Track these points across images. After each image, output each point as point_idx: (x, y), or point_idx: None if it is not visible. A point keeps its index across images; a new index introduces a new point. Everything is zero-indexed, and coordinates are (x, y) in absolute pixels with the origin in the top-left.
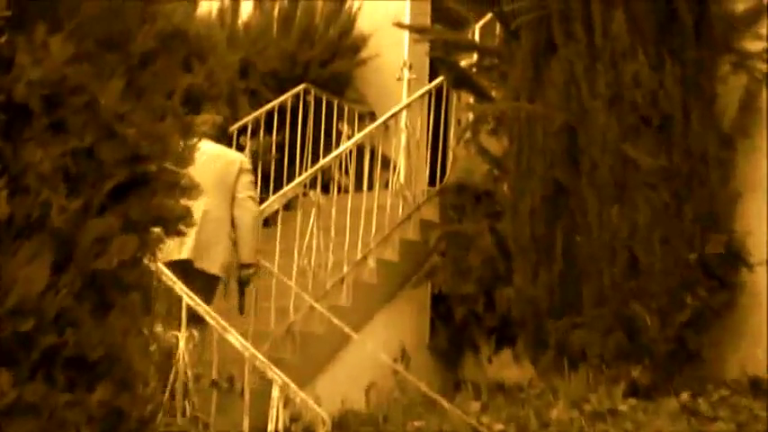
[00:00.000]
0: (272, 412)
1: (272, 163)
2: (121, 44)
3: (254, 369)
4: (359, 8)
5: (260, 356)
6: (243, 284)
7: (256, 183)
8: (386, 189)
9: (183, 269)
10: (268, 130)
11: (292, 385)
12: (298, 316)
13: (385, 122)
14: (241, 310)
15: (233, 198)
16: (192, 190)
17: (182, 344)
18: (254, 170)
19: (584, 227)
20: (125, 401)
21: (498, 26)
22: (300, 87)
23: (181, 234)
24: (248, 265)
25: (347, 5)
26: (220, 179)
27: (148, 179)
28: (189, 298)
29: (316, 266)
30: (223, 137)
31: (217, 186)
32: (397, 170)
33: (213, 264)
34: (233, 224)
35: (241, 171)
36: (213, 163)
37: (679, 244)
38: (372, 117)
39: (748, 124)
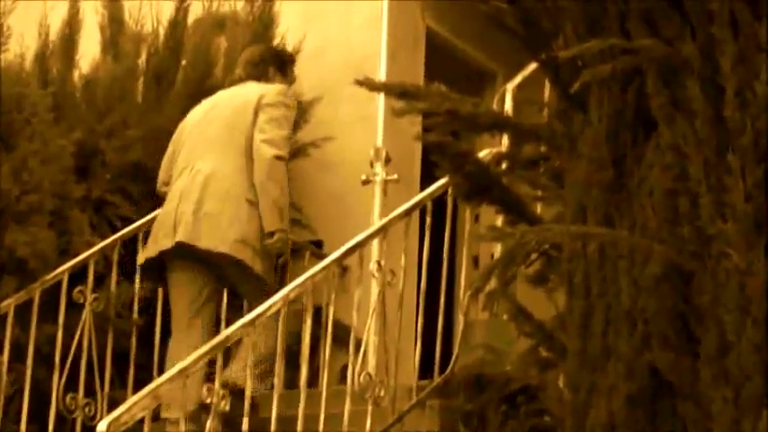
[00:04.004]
0: None
1: (134, 334)
2: None
3: None
4: (296, 52)
5: None
6: (276, 260)
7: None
8: (341, 383)
9: (192, 261)
10: (125, 274)
11: None
12: None
13: (340, 261)
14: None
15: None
16: None
17: None
18: (101, 342)
19: None
20: None
21: (548, 86)
22: None
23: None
24: (271, 234)
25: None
26: (232, 126)
27: None
28: None
29: None
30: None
31: (227, 138)
32: (362, 350)
33: (220, 240)
34: None
35: (259, 107)
36: (224, 108)
37: None
38: (318, 251)
39: None
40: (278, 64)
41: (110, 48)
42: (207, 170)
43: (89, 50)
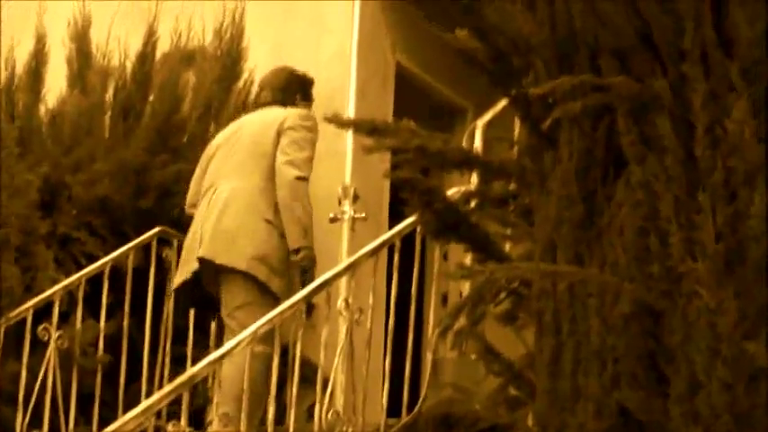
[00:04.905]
0: None
1: (99, 372)
2: None
3: None
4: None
5: None
6: (302, 276)
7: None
8: (309, 422)
9: (214, 278)
10: (91, 312)
11: None
12: None
13: (307, 299)
14: (308, 311)
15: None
16: None
17: None
18: (65, 380)
19: None
20: None
21: (517, 123)
22: (153, 233)
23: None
24: (297, 251)
25: (243, 80)
26: (254, 149)
27: None
28: None
29: None
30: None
31: (249, 160)
32: (329, 388)
33: (237, 257)
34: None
35: (282, 130)
36: (248, 131)
37: None
38: None
39: None
40: (302, 90)
41: (77, 81)
42: (228, 190)
43: (56, 84)
